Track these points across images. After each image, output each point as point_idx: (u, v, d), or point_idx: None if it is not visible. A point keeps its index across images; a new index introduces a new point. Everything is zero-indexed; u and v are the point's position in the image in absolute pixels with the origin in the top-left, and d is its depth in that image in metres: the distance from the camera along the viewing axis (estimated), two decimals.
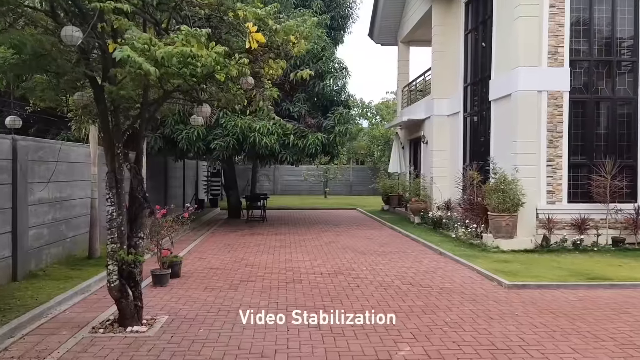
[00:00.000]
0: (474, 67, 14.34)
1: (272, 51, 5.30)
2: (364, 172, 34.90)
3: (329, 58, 15.45)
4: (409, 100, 20.06)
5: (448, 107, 15.80)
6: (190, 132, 13.67)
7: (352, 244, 12.06)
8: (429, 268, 9.05)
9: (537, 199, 11.09)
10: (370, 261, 9.72)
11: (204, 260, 9.77)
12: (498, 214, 10.71)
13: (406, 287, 7.60)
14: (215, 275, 8.42)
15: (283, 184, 33.65)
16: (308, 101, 15.57)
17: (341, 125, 14.89)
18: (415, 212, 15.88)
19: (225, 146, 13.71)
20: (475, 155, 14.11)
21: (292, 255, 10.45)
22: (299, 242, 12.38)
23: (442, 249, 10.79)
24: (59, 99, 5.98)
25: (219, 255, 10.35)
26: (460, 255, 9.92)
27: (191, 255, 10.40)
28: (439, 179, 15.76)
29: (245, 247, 11.45)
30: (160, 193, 16.34)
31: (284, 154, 14.64)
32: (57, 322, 5.87)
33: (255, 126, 13.60)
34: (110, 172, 5.48)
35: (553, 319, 6.01)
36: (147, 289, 7.40)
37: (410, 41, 20.90)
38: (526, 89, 11.10)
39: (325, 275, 8.44)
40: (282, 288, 7.50)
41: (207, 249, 11.27)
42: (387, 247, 11.49)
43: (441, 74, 15.86)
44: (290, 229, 15.02)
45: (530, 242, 10.76)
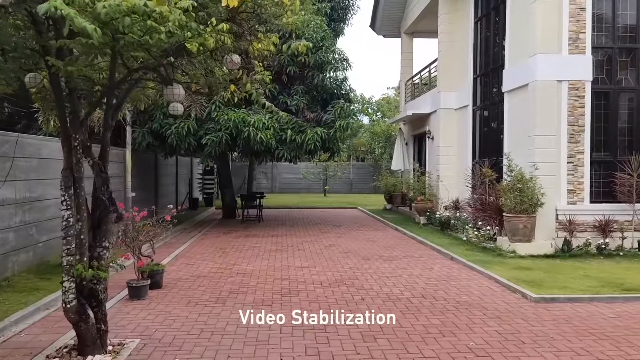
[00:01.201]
0: (484, 57, 13.38)
1: (259, 17, 4.30)
2: (364, 169, 33.96)
3: (329, 48, 14.48)
4: (413, 94, 19.10)
5: (456, 100, 14.84)
6: (180, 127, 12.72)
7: (354, 247, 11.13)
8: (441, 276, 8.11)
9: (557, 198, 10.16)
10: (375, 268, 8.78)
11: (191, 267, 8.83)
12: (515, 215, 9.77)
13: (418, 300, 6.67)
14: (202, 285, 7.48)
15: (281, 182, 32.71)
16: (307, 94, 14.61)
17: (342, 120, 13.94)
18: (420, 212, 14.94)
19: (218, 141, 12.75)
20: (485, 152, 13.17)
21: (289, 260, 9.51)
22: (297, 245, 11.45)
23: (453, 253, 9.86)
24: (9, 82, 5.02)
25: (208, 261, 9.42)
26: (474, 261, 8.99)
27: (178, 260, 9.47)
28: (446, 176, 14.82)
29: (239, 251, 10.51)
30: (149, 192, 15.39)
31: (281, 150, 13.69)
32: (7, 347, 4.93)
33: (250, 120, 12.64)
34: (66, 169, 4.54)
35: (595, 343, 5.08)
36: (121, 302, 6.47)
37: (414, 32, 19.91)
38: (545, 79, 10.14)
39: (326, 285, 7.50)
40: (277, 301, 6.57)
41: (196, 253, 10.33)
42: (392, 251, 10.55)
43: (448, 65, 14.90)
44: (288, 230, 14.08)
45: (550, 245, 9.82)
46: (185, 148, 13.10)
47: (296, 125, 13.70)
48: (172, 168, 18.86)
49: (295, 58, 14.07)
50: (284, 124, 13.54)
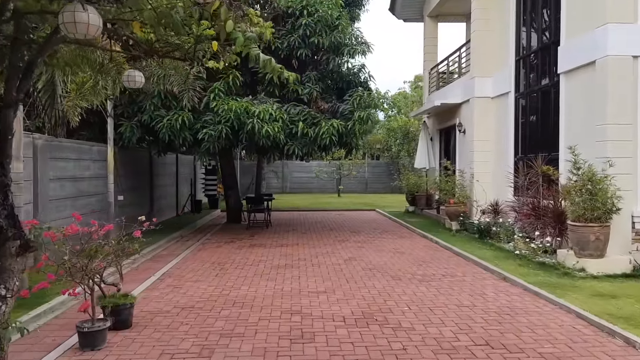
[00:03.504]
0: (530, 34, 11.36)
1: None
2: (380, 168, 31.99)
3: (345, 28, 12.56)
4: (438, 83, 17.10)
5: (493, 87, 12.84)
6: (174, 120, 10.90)
7: (379, 261, 9.22)
8: (501, 307, 6.17)
9: (634, 202, 8.16)
10: (410, 293, 6.87)
11: (177, 292, 6.98)
12: (584, 224, 7.77)
13: (482, 350, 4.75)
14: (185, 322, 5.63)
15: (293, 182, 30.89)
16: (320, 81, 12.71)
17: (361, 110, 12.02)
18: (452, 216, 12.96)
19: (217, 136, 10.91)
20: (532, 146, 11.16)
21: (301, 281, 7.63)
22: (311, 258, 9.57)
23: (505, 271, 7.92)
24: None
25: (201, 282, 7.57)
26: (538, 284, 7.03)
27: (164, 282, 7.63)
28: (482, 175, 12.83)
29: (240, 268, 8.67)
30: (142, 194, 13.59)
31: (291, 146, 11.80)
32: None
33: (254, 110, 10.79)
34: None
35: None
36: (67, 356, 4.63)
37: (438, 15, 17.90)
38: (618, 54, 8.13)
39: (351, 322, 5.60)
40: (284, 354, 4.69)
41: (188, 270, 8.51)
42: (428, 268, 8.63)
43: (483, 47, 12.90)
44: (300, 238, 12.20)
45: (628, 262, 7.83)
46: (180, 144, 11.27)
47: (308, 117, 11.81)
48: (172, 167, 17.07)
49: (307, 39, 12.20)
50: (294, 115, 11.66)
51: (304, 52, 12.18)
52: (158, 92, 10.83)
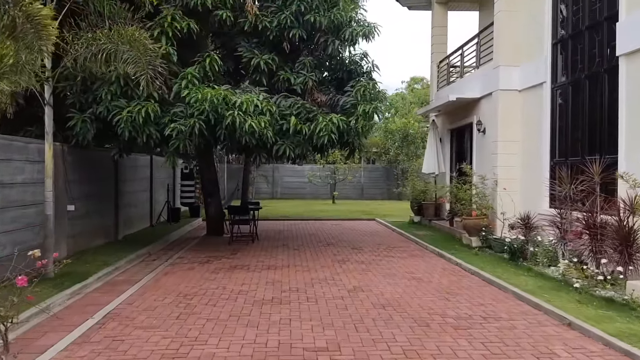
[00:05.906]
0: (573, 12, 9.41)
1: None
2: (377, 172, 29.98)
3: (347, 4, 10.52)
4: (448, 77, 15.11)
5: (521, 78, 10.85)
6: (136, 112, 8.77)
7: (393, 293, 7.15)
8: None
9: None
10: (449, 353, 4.81)
11: (114, 352, 4.85)
12: None
13: None
14: None
15: (284, 187, 28.81)
16: (317, 69, 10.66)
17: (367, 104, 9.99)
18: (472, 230, 10.93)
19: (188, 132, 8.80)
20: (576, 147, 9.19)
21: (292, 329, 5.54)
22: (305, 288, 7.48)
23: (564, 311, 5.91)
24: None
25: (154, 331, 5.45)
26: (621, 336, 5.02)
27: (102, 330, 5.49)
28: (507, 182, 10.82)
29: (212, 303, 6.56)
30: (103, 203, 11.36)
31: (281, 146, 9.70)
32: None
33: (235, 100, 8.70)
34: None
35: None
36: None
37: (448, 1, 15.96)
38: None
39: None
40: None
41: (143, 307, 6.38)
42: (459, 304, 6.57)
43: (509, 30, 10.92)
44: (291, 258, 10.10)
45: None
46: (143, 142, 9.12)
47: (303, 111, 9.75)
48: (145, 171, 14.89)
49: (302, 17, 10.15)
50: (285, 108, 9.60)
51: (297, 32, 10.10)
52: (116, 78, 8.74)
